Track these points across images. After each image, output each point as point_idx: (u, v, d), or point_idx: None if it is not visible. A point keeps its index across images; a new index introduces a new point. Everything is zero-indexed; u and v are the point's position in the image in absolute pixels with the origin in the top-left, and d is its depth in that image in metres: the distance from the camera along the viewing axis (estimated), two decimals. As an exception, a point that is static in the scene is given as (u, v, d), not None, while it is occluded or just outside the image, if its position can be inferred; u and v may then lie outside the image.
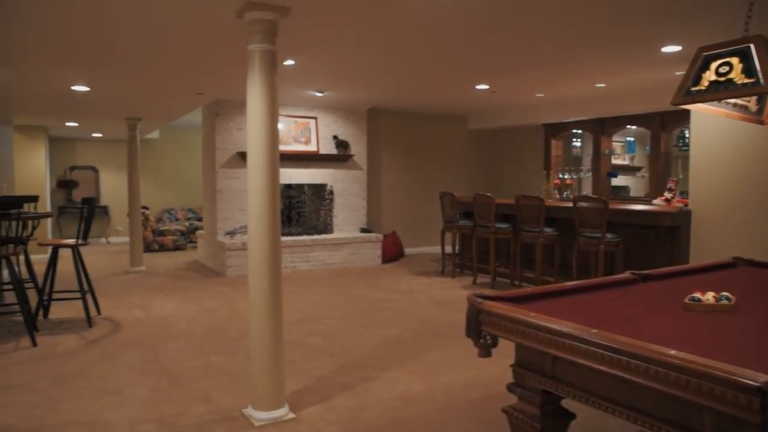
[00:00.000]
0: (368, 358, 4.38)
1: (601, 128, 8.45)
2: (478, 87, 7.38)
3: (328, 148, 9.06)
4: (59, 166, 11.85)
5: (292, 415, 3.29)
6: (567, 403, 2.17)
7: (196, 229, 11.37)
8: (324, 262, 8.56)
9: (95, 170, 12.31)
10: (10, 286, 5.45)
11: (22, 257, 5.65)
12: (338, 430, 3.14)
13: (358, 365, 4.23)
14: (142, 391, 3.71)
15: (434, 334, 5.03)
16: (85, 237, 5.45)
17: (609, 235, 5.82)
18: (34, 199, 5.28)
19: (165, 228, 11.13)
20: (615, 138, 8.83)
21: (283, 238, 8.30)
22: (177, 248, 11.06)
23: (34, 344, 4.76)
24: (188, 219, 12.17)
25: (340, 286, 7.32)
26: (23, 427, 3.21)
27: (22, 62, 4.83)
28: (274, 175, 3.22)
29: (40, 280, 5.60)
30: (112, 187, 12.28)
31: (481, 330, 2.39)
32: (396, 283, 7.53)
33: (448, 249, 8.10)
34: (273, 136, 3.22)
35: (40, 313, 5.50)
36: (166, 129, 11.93)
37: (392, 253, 9.31)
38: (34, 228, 5.16)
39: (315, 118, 9.03)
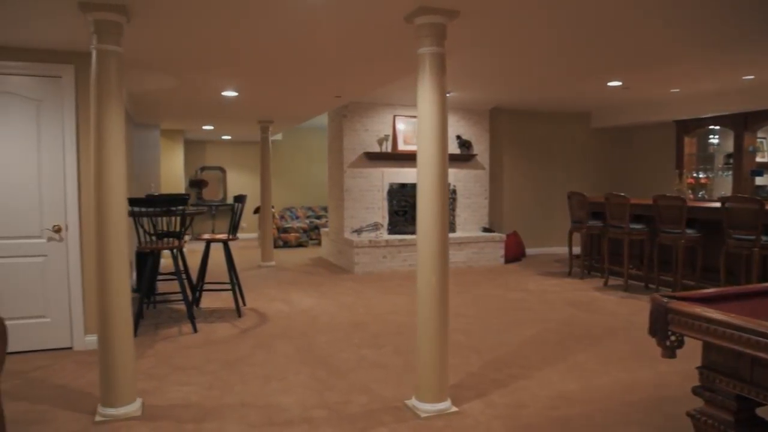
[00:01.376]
0: (514, 357, 4.38)
1: (744, 123, 7.92)
2: (610, 84, 7.17)
3: (451, 148, 9.10)
4: (191, 167, 12.70)
5: (454, 409, 3.35)
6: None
7: (316, 227, 11.80)
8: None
9: (222, 170, 13.07)
10: (170, 277, 5.95)
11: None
12: (502, 425, 3.16)
13: (506, 363, 4.23)
14: (304, 379, 3.92)
15: (576, 335, 4.94)
16: (234, 232, 5.82)
17: (765, 238, 5.45)
18: (187, 198, 5.70)
19: (288, 225, 11.62)
20: (760, 134, 8.25)
21: (408, 237, 8.45)
22: (299, 245, 11.54)
23: (195, 330, 5.15)
24: (308, 217, 12.64)
25: (467, 284, 7.35)
26: (206, 405, 3.48)
27: (186, 71, 5.23)
28: (443, 176, 3.32)
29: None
30: (237, 187, 12.98)
31: (668, 330, 2.33)
32: (524, 283, 7.45)
33: (575, 250, 7.92)
34: (443, 137, 3.31)
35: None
36: (288, 131, 12.47)
37: (514, 253, 9.21)
38: (189, 224, 5.58)
39: (437, 118, 9.09)
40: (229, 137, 12.21)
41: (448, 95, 7.80)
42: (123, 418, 3.28)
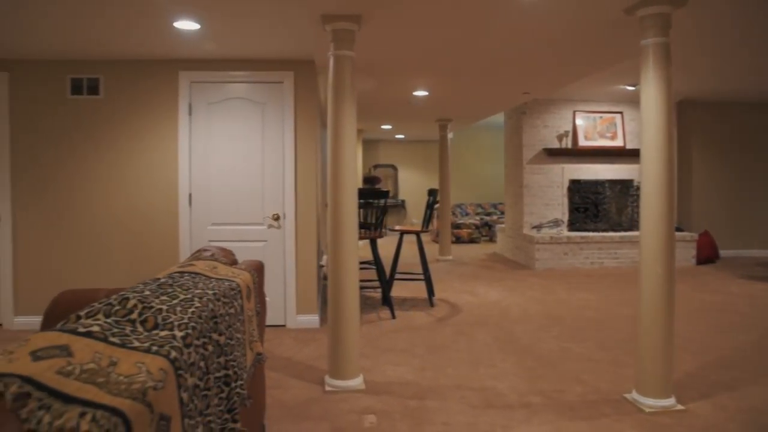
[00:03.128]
0: (735, 360, 4.12)
1: None
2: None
3: (635, 143, 8.68)
4: (366, 165, 13.35)
5: (680, 407, 3.25)
6: None
7: (487, 223, 11.85)
8: (633, 260, 8.23)
9: (394, 168, 13.58)
10: (364, 266, 6.34)
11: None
12: (738, 427, 3.01)
13: (725, 366, 3.99)
14: (511, 367, 4.01)
15: (803, 343, 4.52)
16: (427, 225, 6.06)
17: None
18: (387, 192, 6.03)
19: (461, 221, 11.80)
20: None
21: (590, 234, 8.21)
22: (471, 241, 11.66)
23: (393, 317, 5.45)
24: (477, 214, 12.73)
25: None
26: (422, 384, 3.70)
27: (389, 73, 5.54)
28: (670, 170, 3.23)
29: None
30: (408, 184, 13.43)
31: None
32: (725, 285, 6.92)
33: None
34: (668, 129, 3.23)
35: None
36: (459, 130, 12.63)
37: (706, 254, 8.56)
38: (384, 216, 5.90)
39: (621, 112, 8.74)
40: (402, 136, 12.66)
41: (633, 88, 7.49)
42: (349, 390, 3.60)
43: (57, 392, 1.01)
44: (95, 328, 1.33)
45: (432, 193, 6.11)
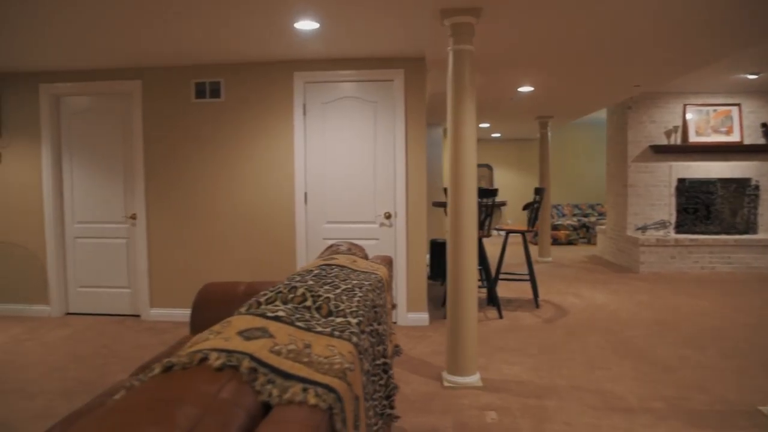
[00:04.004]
0: None
1: None
2: None
3: (754, 138, 8.18)
4: (460, 164, 13.31)
5: (822, 420, 3.06)
6: None
7: (585, 225, 11.53)
8: (749, 265, 7.77)
9: (489, 168, 13.48)
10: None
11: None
12: None
13: None
14: (627, 370, 3.92)
15: None
16: (533, 225, 6.00)
17: None
18: (496, 191, 6.02)
19: (558, 222, 11.55)
20: None
21: (701, 237, 7.83)
22: (569, 242, 11.39)
23: (500, 316, 5.45)
24: (574, 215, 12.41)
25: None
26: (538, 383, 3.69)
27: (494, 70, 5.54)
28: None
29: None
30: (503, 184, 13.28)
31: None
32: None
33: None
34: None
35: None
36: (556, 127, 12.34)
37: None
38: (491, 215, 5.89)
39: (738, 104, 8.25)
40: (498, 135, 12.54)
41: (754, 77, 7.06)
42: (468, 386, 3.65)
43: (276, 369, 1.13)
44: (281, 313, 1.46)
45: (539, 191, 6.04)
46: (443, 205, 5.69)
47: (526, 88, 6.60)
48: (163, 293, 5.53)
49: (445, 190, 5.61)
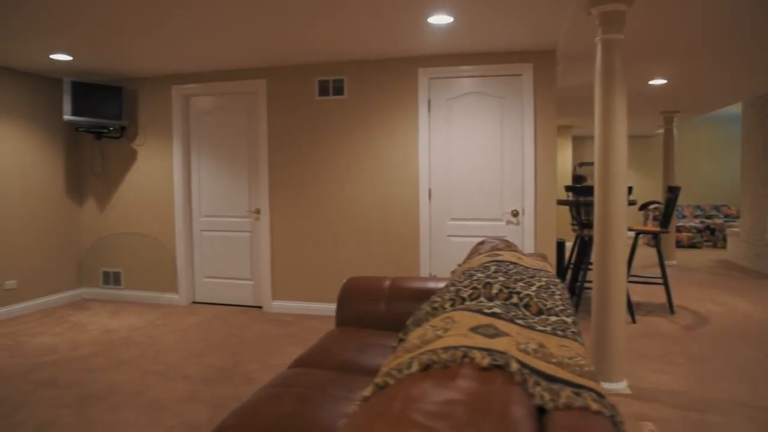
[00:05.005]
0: None
1: None
2: None
3: None
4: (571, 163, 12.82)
5: None
6: None
7: (709, 227, 10.74)
8: None
9: (600, 166, 12.86)
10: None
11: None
12: None
13: None
14: (796, 387, 3.53)
15: None
16: (667, 225, 5.60)
17: None
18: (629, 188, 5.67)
19: (679, 224, 10.84)
20: None
21: None
22: (692, 245, 10.65)
23: (634, 321, 5.12)
24: (696, 216, 11.60)
25: None
26: (693, 395, 3.40)
27: (628, 62, 5.20)
28: None
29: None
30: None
31: None
32: None
33: None
34: None
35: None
36: (677, 124, 11.59)
37: None
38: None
39: None
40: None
41: None
42: (616, 393, 3.41)
43: (535, 369, 1.01)
44: (497, 310, 1.34)
45: (672, 190, 5.63)
46: (571, 203, 5.42)
47: (658, 81, 6.17)
48: (284, 286, 5.62)
49: (569, 187, 5.35)
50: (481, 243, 2.86)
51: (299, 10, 3.79)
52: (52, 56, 4.97)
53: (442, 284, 3.02)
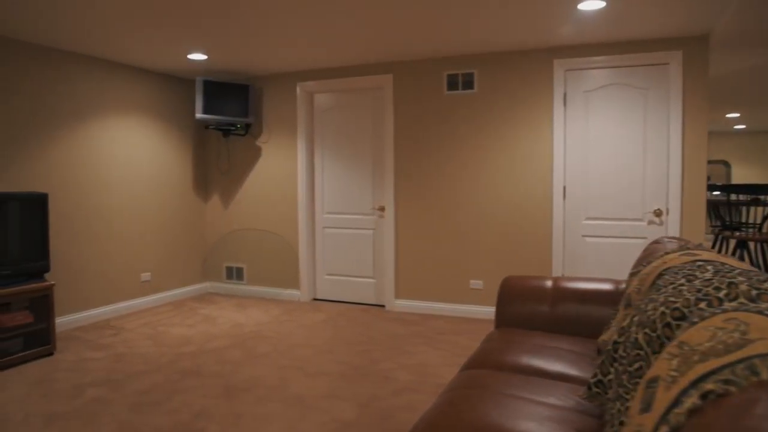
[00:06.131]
0: None
1: None
2: None
3: None
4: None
5: None
6: None
7: None
8: None
9: (726, 164, 11.96)
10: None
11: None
12: None
13: None
14: None
15: None
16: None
17: None
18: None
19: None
20: None
21: None
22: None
23: None
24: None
25: None
26: None
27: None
28: None
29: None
30: (742, 182, 11.69)
31: None
32: None
33: None
34: None
35: None
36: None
37: None
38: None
39: None
40: (743, 126, 11.05)
41: None
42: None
43: None
44: (783, 312, 1.14)
45: None
46: (719, 203, 4.99)
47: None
48: (408, 285, 5.53)
49: (719, 187, 4.91)
50: (655, 242, 2.62)
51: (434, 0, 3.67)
52: (189, 56, 5.14)
53: (606, 285, 2.79)
